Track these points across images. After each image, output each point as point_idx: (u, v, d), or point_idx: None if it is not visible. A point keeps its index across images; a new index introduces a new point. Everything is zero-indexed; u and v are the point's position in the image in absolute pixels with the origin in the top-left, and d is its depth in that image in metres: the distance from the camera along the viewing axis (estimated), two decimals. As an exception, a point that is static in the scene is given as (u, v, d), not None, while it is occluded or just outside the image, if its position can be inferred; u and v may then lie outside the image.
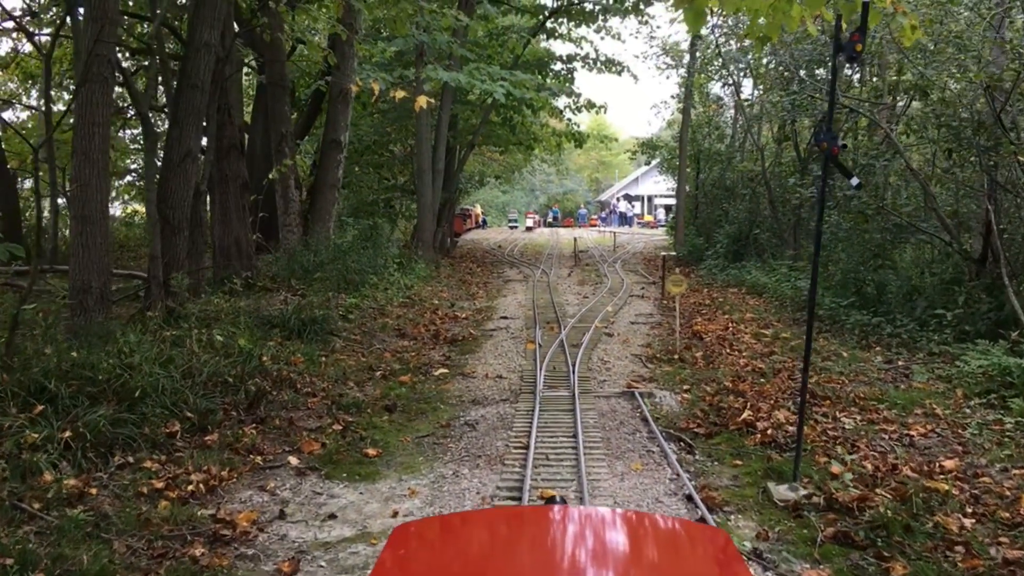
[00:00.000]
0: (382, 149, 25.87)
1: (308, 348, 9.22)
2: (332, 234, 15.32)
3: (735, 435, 6.39)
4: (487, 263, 24.79)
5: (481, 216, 53.57)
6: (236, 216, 13.31)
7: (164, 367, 6.52)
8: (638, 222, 55.28)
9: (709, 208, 25.43)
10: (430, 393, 7.88)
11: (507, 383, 8.22)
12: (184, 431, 5.95)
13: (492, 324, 12.41)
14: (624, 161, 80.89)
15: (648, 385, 8.17)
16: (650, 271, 22.21)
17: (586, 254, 28.03)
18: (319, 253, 13.61)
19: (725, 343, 10.55)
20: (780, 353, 9.79)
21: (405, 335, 11.31)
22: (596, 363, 9.26)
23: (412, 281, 16.06)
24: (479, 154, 36.70)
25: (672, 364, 9.23)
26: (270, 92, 15.03)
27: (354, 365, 8.85)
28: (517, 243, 35.26)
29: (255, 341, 8.80)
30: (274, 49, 14.61)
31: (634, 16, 26.04)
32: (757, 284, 16.23)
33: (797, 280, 14.05)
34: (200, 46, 9.85)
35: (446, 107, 21.99)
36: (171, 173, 9.86)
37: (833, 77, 4.66)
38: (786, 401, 7.34)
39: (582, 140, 28.13)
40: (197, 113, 9.98)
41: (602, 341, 10.74)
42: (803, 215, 16.56)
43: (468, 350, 10.26)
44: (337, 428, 6.47)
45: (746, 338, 10.92)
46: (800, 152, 16.60)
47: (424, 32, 17.99)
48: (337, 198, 15.52)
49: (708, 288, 17.12)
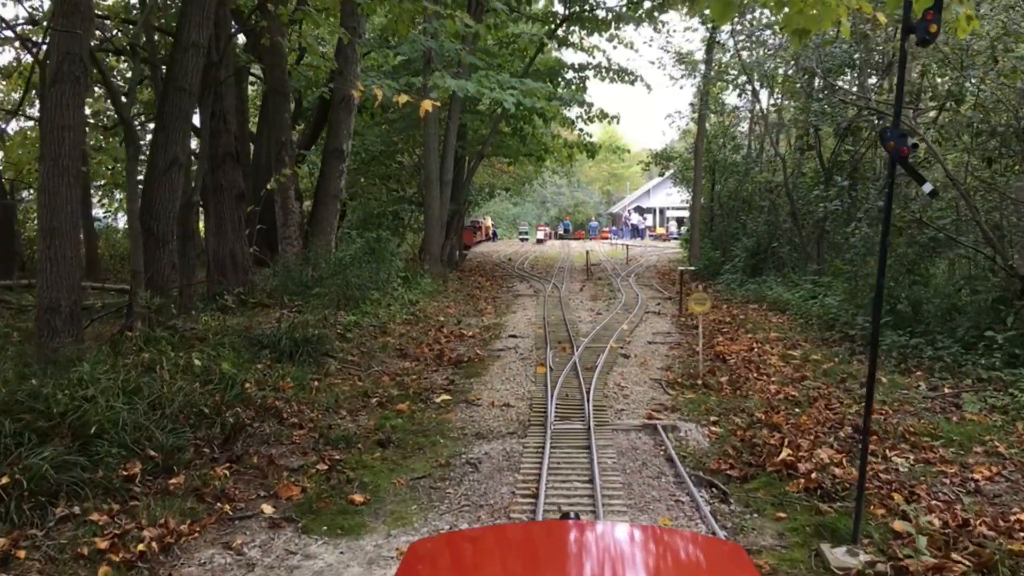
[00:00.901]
0: (389, 160, 25.24)
1: (300, 371, 8.50)
2: (334, 247, 14.65)
3: (774, 479, 5.59)
4: (497, 277, 24.07)
5: (492, 228, 53.00)
6: (231, 228, 12.67)
7: (130, 397, 5.81)
8: (650, 234, 54.56)
9: (725, 221, 24.63)
10: (430, 424, 7.13)
11: (515, 412, 7.46)
12: (145, 472, 5.22)
13: (500, 343, 11.66)
14: (636, 173, 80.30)
15: (671, 416, 7.38)
16: (665, 285, 21.41)
17: (598, 267, 27.27)
18: (318, 267, 12.91)
19: (751, 366, 9.75)
20: (813, 378, 8.98)
21: (407, 355, 10.57)
22: (612, 389, 8.48)
23: (417, 296, 15.36)
24: (489, 165, 36.08)
25: (695, 390, 8.44)
26: (270, 99, 14.43)
27: (348, 391, 8.11)
28: (528, 256, 34.55)
29: (241, 364, 8.10)
30: (274, 54, 14.00)
31: (648, 24, 25.44)
32: (779, 300, 15.41)
33: (824, 297, 13.22)
34: (188, 46, 9.22)
35: (454, 116, 21.35)
36: (156, 182, 9.21)
37: (902, 65, 3.91)
38: (827, 436, 6.53)
39: (594, 151, 27.44)
40: (184, 118, 9.34)
41: (618, 363, 9.96)
42: (828, 228, 15.74)
43: (473, 373, 9.51)
44: (322, 467, 5.72)
45: (773, 360, 10.11)
46: (823, 162, 15.81)
47: (431, 38, 17.39)
48: (339, 209, 14.85)
49: (727, 304, 16.31)
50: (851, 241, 14.13)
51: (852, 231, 13.13)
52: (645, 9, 24.45)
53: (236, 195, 12.67)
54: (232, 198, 12.57)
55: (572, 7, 23.97)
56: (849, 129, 14.93)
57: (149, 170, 9.30)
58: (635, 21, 24.79)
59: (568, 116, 26.92)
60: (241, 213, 12.81)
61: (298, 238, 14.35)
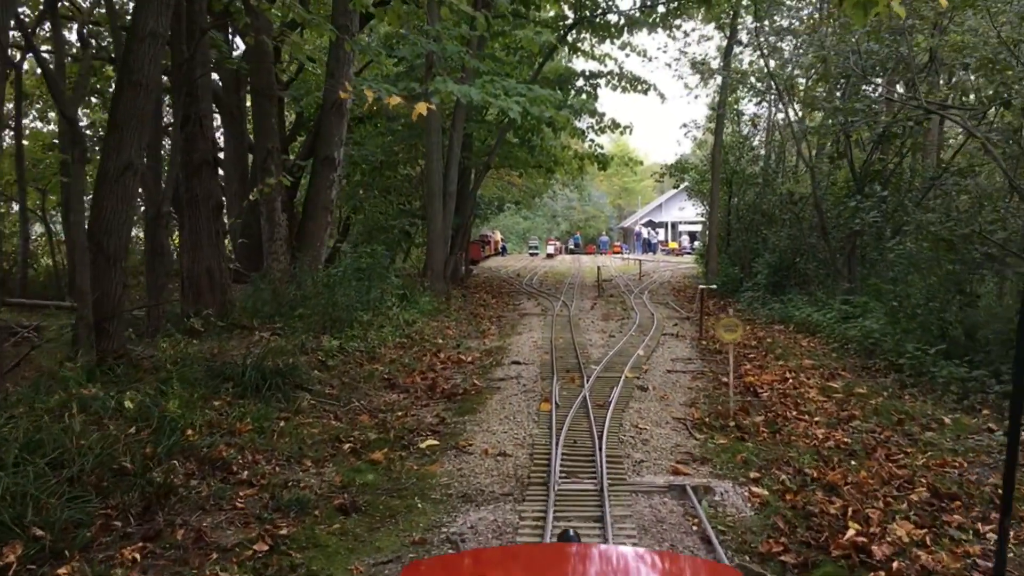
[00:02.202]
0: (392, 171, 24.13)
1: (264, 409, 7.30)
2: (323, 263, 13.50)
3: (843, 568, 4.32)
4: (503, 293, 22.86)
5: (501, 243, 51.94)
6: (208, 242, 11.52)
7: (23, 455, 4.63)
8: (662, 249, 53.37)
9: (744, 235, 23.35)
10: (409, 479, 5.90)
11: (512, 465, 6.21)
12: (25, 560, 4.02)
13: (501, 371, 10.43)
14: (647, 187, 79.30)
15: (701, 469, 6.12)
16: (681, 303, 20.13)
17: (610, 283, 26.02)
18: (303, 285, 11.75)
19: (788, 401, 8.48)
20: (863, 418, 7.69)
21: (395, 386, 9.36)
22: (629, 431, 7.22)
23: (415, 316, 14.16)
24: (497, 178, 34.98)
25: (727, 434, 7.17)
26: (255, 103, 13.35)
27: (318, 433, 6.89)
28: (537, 271, 33.35)
29: (193, 402, 6.92)
30: (259, 54, 12.94)
31: (663, 29, 24.31)
32: (807, 321, 14.11)
33: (861, 319, 11.90)
34: (145, 35, 8.10)
35: (458, 125, 20.22)
36: (107, 190, 8.06)
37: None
38: (898, 501, 5.25)
39: (606, 163, 26.28)
40: (140, 117, 8.20)
41: (634, 397, 8.70)
42: (861, 242, 14.44)
43: (468, 408, 8.27)
44: (261, 548, 4.50)
45: (812, 394, 8.82)
46: (856, 171, 14.54)
47: (433, 41, 16.31)
48: (330, 222, 13.70)
49: (751, 325, 15.02)
50: (889, 257, 12.85)
51: (894, 246, 11.85)
52: (659, 14, 23.35)
53: (213, 206, 11.53)
54: (209, 209, 11.43)
55: (582, 11, 22.88)
56: (885, 135, 13.68)
57: (100, 176, 8.16)
58: (648, 27, 23.69)
59: (579, 127, 25.81)
60: (219, 226, 11.67)
61: (285, 253, 13.22)
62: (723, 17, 22.89)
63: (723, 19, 23.08)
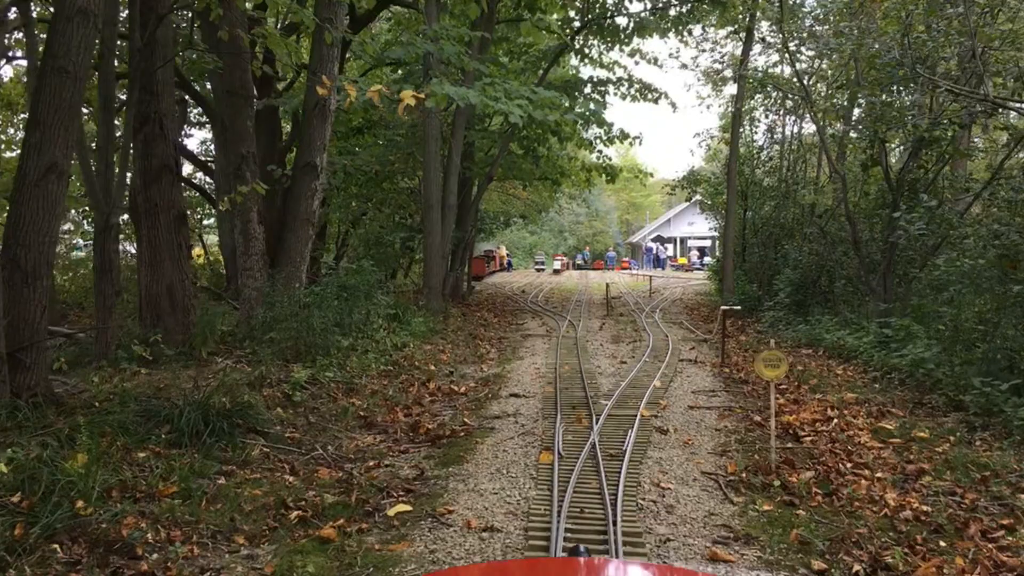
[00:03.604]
0: (389, 182, 22.86)
1: (201, 462, 5.96)
2: (306, 280, 12.20)
3: None
4: (506, 312, 21.52)
5: (507, 258, 50.75)
6: (169, 257, 10.25)
7: None
8: (671, 264, 52.11)
9: (762, 250, 21.98)
10: (364, 566, 4.53)
11: (501, 545, 4.83)
12: None
13: (497, 406, 9.06)
14: (655, 202, 78.15)
15: (746, 554, 4.72)
16: (696, 323, 18.76)
17: (619, 301, 24.66)
18: (275, 306, 10.44)
19: (837, 448, 7.08)
20: (934, 472, 6.28)
21: (372, 425, 8.01)
22: (650, 493, 5.84)
23: (405, 339, 12.82)
24: (502, 191, 33.72)
25: (771, 496, 5.78)
26: (228, 103, 12.08)
27: (262, 495, 5.53)
28: (543, 287, 32.01)
29: (111, 454, 5.60)
30: (233, 50, 11.69)
31: (675, 35, 23.06)
32: (840, 346, 12.70)
33: (910, 346, 10.46)
34: (73, 14, 6.85)
35: (458, 133, 18.98)
36: (26, 195, 6.79)
37: None
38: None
39: (614, 174, 24.98)
40: (68, 109, 6.93)
41: (653, 443, 7.31)
42: (904, 256, 13.02)
43: (454, 457, 6.90)
44: None
45: (863, 438, 7.42)
46: (891, 180, 13.17)
47: (431, 41, 15.10)
48: (312, 235, 12.40)
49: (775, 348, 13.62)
50: (935, 275, 11.46)
51: (944, 263, 10.46)
52: (671, 17, 22.11)
53: (175, 217, 10.26)
54: (170, 220, 10.17)
55: (591, 12, 21.66)
56: (925, 139, 12.32)
57: (17, 179, 6.89)
58: (660, 32, 22.44)
59: (586, 137, 24.58)
60: (182, 239, 10.40)
61: (261, 270, 11.92)
62: (739, 19, 21.65)
63: (739, 22, 21.83)
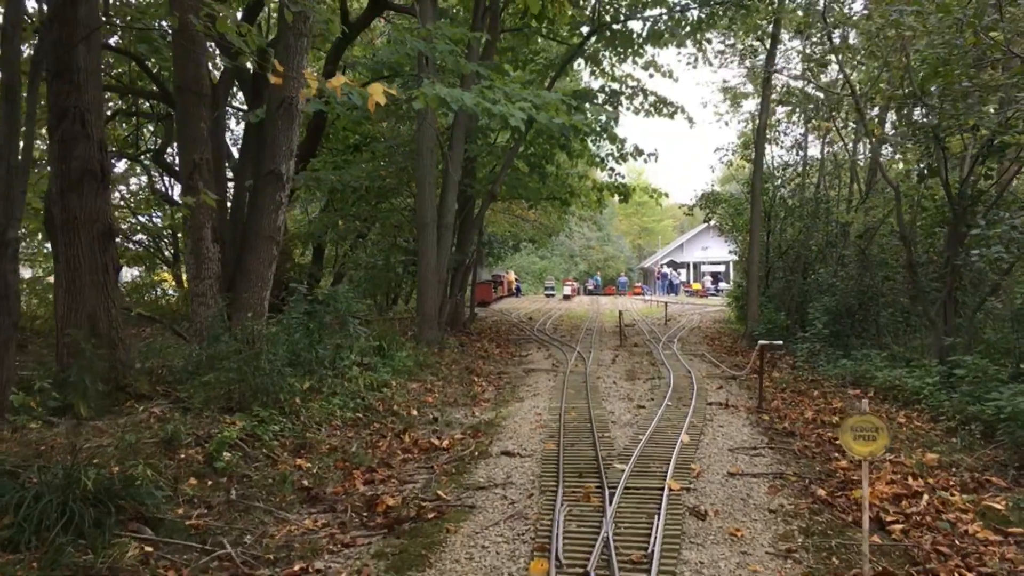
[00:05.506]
0: (385, 201, 21.16)
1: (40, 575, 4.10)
2: (265, 309, 10.37)
3: None
4: (510, 342, 19.63)
5: (515, 283, 48.96)
6: (91, 281, 8.45)
7: None
8: (685, 290, 50.12)
9: (788, 274, 20.04)
10: None
11: None
12: None
13: (483, 470, 7.15)
14: (667, 227, 76.40)
15: None
16: (718, 354, 16.80)
17: (632, 329, 22.72)
18: (219, 340, 8.60)
19: (942, 543, 5.14)
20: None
21: (317, 500, 6.14)
22: (690, 631, 3.91)
23: (386, 376, 10.95)
24: (509, 213, 31.96)
25: (875, 640, 3.85)
26: (179, 102, 10.39)
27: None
28: (551, 314, 30.09)
29: None
30: (184, 40, 10.03)
31: (692, 43, 21.37)
32: (897, 387, 10.73)
33: (995, 392, 8.47)
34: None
35: (457, 145, 17.23)
36: None
37: None
38: None
39: (627, 193, 23.13)
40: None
41: (689, 536, 5.37)
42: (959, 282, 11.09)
43: (413, 558, 4.98)
44: None
45: (972, 526, 5.48)
46: (951, 193, 11.27)
47: (423, 41, 13.44)
48: (276, 255, 10.59)
49: (817, 388, 11.67)
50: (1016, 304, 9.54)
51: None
52: (691, 22, 20.41)
53: (101, 232, 8.49)
54: (92, 236, 8.39)
55: (602, 17, 20.01)
56: (994, 146, 10.47)
57: None
58: (677, 39, 20.76)
59: (596, 153, 22.86)
60: (108, 259, 8.61)
61: (215, 296, 10.14)
62: (762, 25, 19.95)
63: (763, 29, 20.12)
